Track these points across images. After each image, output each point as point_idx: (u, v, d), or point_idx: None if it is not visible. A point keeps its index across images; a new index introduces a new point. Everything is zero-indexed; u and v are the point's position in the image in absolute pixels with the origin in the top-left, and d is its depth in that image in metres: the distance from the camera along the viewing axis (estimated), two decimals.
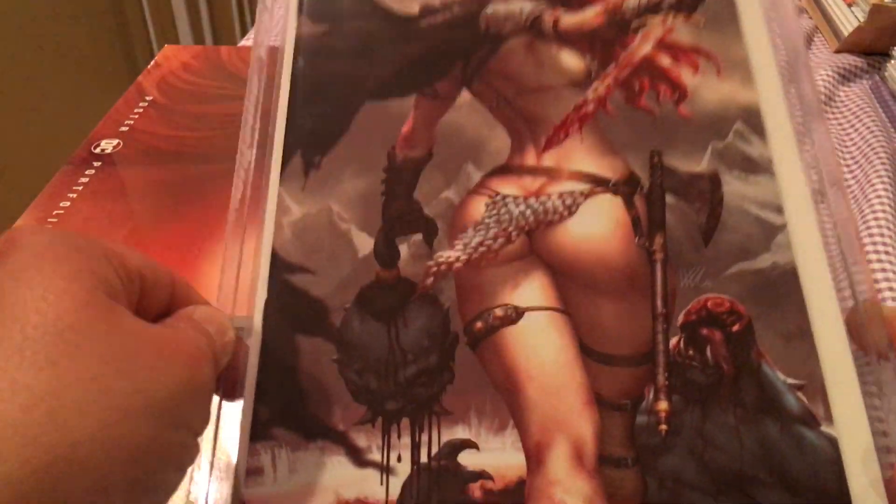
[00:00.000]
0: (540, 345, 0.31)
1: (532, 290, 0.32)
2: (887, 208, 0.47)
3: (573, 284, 0.32)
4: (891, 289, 0.42)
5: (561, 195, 0.34)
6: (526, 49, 0.38)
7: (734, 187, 0.34)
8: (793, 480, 0.28)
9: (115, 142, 0.58)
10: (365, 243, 0.33)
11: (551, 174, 0.35)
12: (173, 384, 0.24)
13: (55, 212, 0.51)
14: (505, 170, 0.35)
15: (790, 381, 0.30)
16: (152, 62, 0.69)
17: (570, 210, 0.34)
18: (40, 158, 1.42)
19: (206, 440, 0.28)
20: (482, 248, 0.33)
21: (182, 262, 0.47)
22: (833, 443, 0.28)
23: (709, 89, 0.37)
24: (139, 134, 0.59)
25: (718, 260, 0.32)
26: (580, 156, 0.35)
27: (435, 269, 0.32)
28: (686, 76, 0.37)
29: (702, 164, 0.35)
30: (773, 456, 0.28)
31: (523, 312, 0.31)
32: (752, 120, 0.36)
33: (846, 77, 0.64)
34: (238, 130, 0.55)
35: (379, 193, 0.34)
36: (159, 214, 0.51)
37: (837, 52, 0.69)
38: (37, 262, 0.24)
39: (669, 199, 0.34)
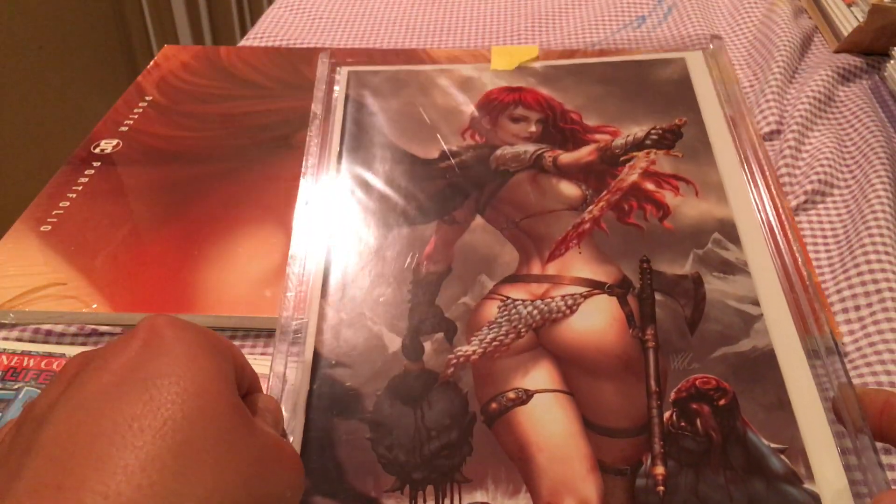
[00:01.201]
0: (548, 421, 0.35)
1: (540, 376, 0.36)
2: (887, 208, 0.47)
3: (576, 370, 0.36)
4: (890, 289, 0.42)
5: (563, 297, 0.39)
6: (530, 181, 0.45)
7: (715, 286, 0.39)
8: None
9: (115, 142, 0.57)
10: (394, 341, 0.38)
11: (554, 280, 0.40)
12: (290, 485, 0.28)
13: (55, 212, 0.51)
14: (514, 279, 0.40)
15: (773, 445, 0.33)
16: (152, 62, 0.68)
17: (572, 309, 0.39)
18: (40, 158, 1.45)
19: None
20: (496, 343, 0.38)
21: (182, 261, 0.47)
22: (815, 498, 0.31)
23: (689, 207, 0.43)
24: (139, 134, 0.58)
25: (704, 345, 0.37)
26: (579, 265, 0.41)
27: (455, 360, 0.37)
28: (668, 198, 0.43)
29: (685, 268, 0.40)
30: None
31: (533, 394, 0.36)
32: (728, 230, 0.41)
33: (846, 77, 0.64)
34: (238, 130, 0.57)
35: (405, 301, 0.40)
36: (158, 214, 0.50)
37: (837, 52, 0.68)
38: (189, 357, 0.26)
39: (658, 296, 0.39)
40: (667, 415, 0.35)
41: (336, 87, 0.52)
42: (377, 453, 0.34)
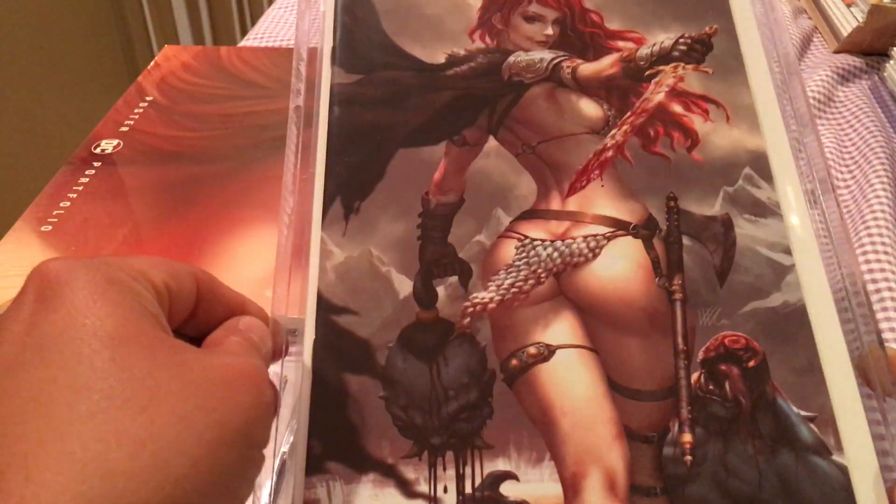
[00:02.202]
0: (571, 381, 0.33)
1: (562, 329, 0.34)
2: (886, 208, 0.47)
3: (599, 323, 0.34)
4: (890, 289, 0.43)
5: (585, 238, 0.36)
6: (547, 97, 0.41)
7: (745, 230, 0.37)
8: None
9: (116, 142, 0.58)
10: (405, 285, 0.35)
11: (575, 218, 0.37)
12: (244, 411, 0.26)
13: (55, 212, 0.51)
14: (532, 214, 0.37)
15: (803, 413, 0.32)
16: (152, 63, 0.68)
17: (595, 252, 0.36)
18: (40, 158, 1.48)
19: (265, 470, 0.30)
20: (514, 290, 0.35)
21: (182, 261, 0.47)
22: (843, 471, 0.31)
23: (719, 136, 0.40)
24: (139, 134, 0.59)
25: (733, 299, 0.35)
26: (602, 200, 0.38)
27: (471, 309, 0.35)
28: (697, 123, 0.40)
29: (714, 208, 0.37)
30: (789, 484, 0.31)
31: (555, 350, 0.34)
32: (760, 165, 0.38)
33: (845, 77, 0.64)
34: (238, 130, 0.58)
35: (415, 238, 0.36)
36: (159, 214, 0.51)
37: (836, 52, 0.68)
38: (88, 304, 0.24)
39: (686, 241, 0.36)
40: (694, 377, 0.33)
41: None
42: (392, 414, 0.32)
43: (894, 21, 0.64)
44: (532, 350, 0.34)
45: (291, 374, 0.33)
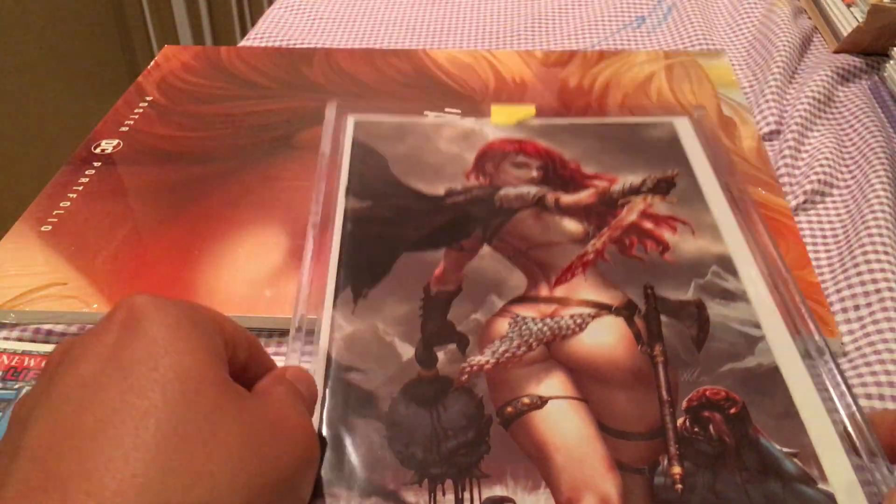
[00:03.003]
0: (564, 424, 0.35)
1: (553, 384, 0.37)
2: (886, 208, 0.47)
3: (588, 379, 0.37)
4: (890, 289, 0.42)
5: (572, 316, 0.40)
6: (534, 218, 0.47)
7: (717, 310, 0.41)
8: None
9: (116, 142, 0.57)
10: (407, 350, 0.38)
11: (562, 302, 0.41)
12: (294, 462, 0.27)
13: (55, 211, 0.50)
14: (523, 299, 0.41)
15: (786, 449, 0.34)
16: (152, 63, 0.68)
17: (581, 327, 0.40)
18: (40, 159, 1.43)
19: None
20: (508, 354, 0.38)
21: (182, 261, 0.46)
22: (831, 497, 0.32)
23: (687, 244, 0.45)
24: (139, 134, 0.58)
25: (711, 361, 0.38)
26: (585, 289, 0.42)
27: (469, 368, 0.37)
28: (667, 235, 0.45)
29: (688, 294, 0.42)
30: None
31: (547, 400, 0.36)
32: (725, 264, 0.43)
33: (845, 77, 0.64)
34: (238, 130, 0.57)
35: (417, 316, 0.40)
36: (159, 214, 0.50)
37: (836, 52, 0.67)
38: (169, 339, 0.26)
39: (664, 318, 0.40)
40: (680, 421, 0.35)
41: (343, 133, 0.54)
42: (394, 450, 0.34)
43: (894, 21, 0.63)
44: (526, 400, 0.36)
45: None
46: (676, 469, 0.33)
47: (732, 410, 0.36)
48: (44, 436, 0.24)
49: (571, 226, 0.46)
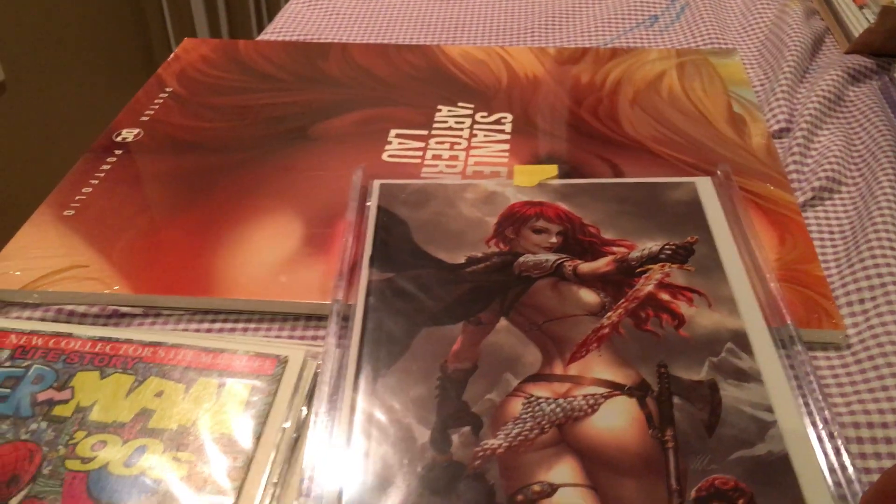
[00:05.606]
0: None
1: (564, 471, 0.38)
2: (893, 206, 0.47)
3: (598, 466, 0.38)
4: (894, 283, 0.43)
5: (585, 396, 0.41)
6: (551, 288, 0.48)
7: (730, 392, 0.41)
8: None
9: (136, 131, 0.59)
10: (423, 434, 0.40)
11: (576, 381, 0.42)
12: None
13: (77, 197, 0.52)
14: (537, 378, 0.42)
15: None
16: (172, 55, 0.70)
17: (593, 408, 0.40)
18: (61, 147, 1.53)
19: None
20: (521, 437, 0.39)
21: (199, 247, 0.48)
22: None
23: (703, 317, 0.45)
24: (159, 124, 0.60)
25: (721, 448, 0.38)
26: (599, 367, 0.43)
27: (482, 453, 0.39)
28: (683, 307, 0.46)
29: (701, 374, 0.42)
30: None
31: (557, 488, 0.37)
32: (740, 341, 0.44)
33: (856, 78, 0.64)
34: (255, 121, 0.59)
35: (434, 396, 0.41)
36: (178, 201, 0.52)
37: (848, 52, 0.68)
38: None
39: (676, 400, 0.41)
40: None
41: (368, 199, 0.55)
42: None
43: None
44: (536, 487, 0.37)
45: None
46: None
47: (741, 502, 0.36)
48: None
49: (588, 297, 0.47)
